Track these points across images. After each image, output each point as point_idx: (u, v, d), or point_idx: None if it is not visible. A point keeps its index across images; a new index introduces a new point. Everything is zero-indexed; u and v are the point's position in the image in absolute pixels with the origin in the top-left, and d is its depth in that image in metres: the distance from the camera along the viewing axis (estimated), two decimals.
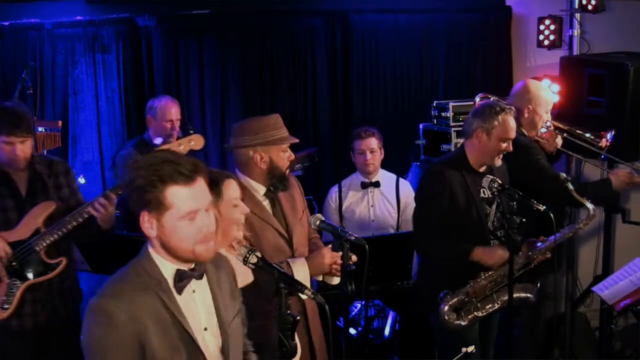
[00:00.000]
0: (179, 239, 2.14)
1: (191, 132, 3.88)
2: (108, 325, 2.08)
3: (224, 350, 2.28)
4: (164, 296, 2.16)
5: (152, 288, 2.16)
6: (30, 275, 3.66)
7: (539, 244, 3.87)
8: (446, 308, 3.77)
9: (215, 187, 2.67)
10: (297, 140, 3.48)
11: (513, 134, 3.83)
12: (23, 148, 3.64)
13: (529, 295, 3.86)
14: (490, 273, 3.81)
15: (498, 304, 3.83)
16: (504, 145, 3.82)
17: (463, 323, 3.77)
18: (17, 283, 3.65)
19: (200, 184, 2.16)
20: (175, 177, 2.11)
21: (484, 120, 3.80)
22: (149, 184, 2.11)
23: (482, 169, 3.90)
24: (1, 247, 3.60)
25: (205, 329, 2.25)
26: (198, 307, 2.25)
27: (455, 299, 3.78)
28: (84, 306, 3.96)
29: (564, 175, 3.82)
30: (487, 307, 3.82)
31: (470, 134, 3.86)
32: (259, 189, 3.40)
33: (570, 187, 3.78)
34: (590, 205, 3.82)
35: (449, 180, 3.80)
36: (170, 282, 2.19)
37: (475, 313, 3.79)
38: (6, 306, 3.62)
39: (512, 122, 3.83)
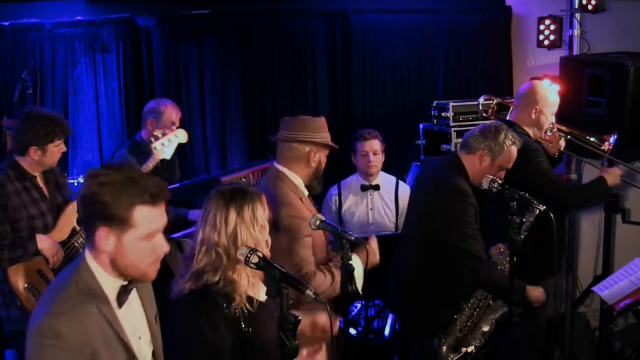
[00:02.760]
0: (135, 258, 2.12)
1: (174, 126, 3.96)
2: (61, 346, 2.01)
3: (156, 355, 2.30)
4: (107, 312, 2.12)
5: (94, 303, 2.10)
6: None
7: (497, 253, 3.88)
8: (444, 350, 3.75)
9: (260, 199, 2.73)
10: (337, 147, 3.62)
11: (511, 165, 3.81)
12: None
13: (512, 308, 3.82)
14: (472, 301, 3.81)
15: (490, 325, 3.81)
16: (499, 174, 3.78)
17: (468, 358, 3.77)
18: None
19: (162, 206, 2.16)
20: (144, 197, 2.09)
21: (495, 143, 3.74)
22: (117, 200, 2.07)
23: None
24: (57, 252, 3.71)
25: (140, 337, 2.25)
26: (133, 317, 2.24)
27: (450, 339, 3.77)
28: None
29: (498, 182, 3.64)
30: (482, 332, 3.81)
31: (473, 151, 3.79)
32: (301, 186, 3.49)
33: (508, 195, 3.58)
34: (537, 205, 3.59)
35: (472, 199, 3.73)
36: (111, 296, 2.15)
37: (473, 344, 3.78)
38: None
39: (515, 154, 3.80)
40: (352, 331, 4.91)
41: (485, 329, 3.80)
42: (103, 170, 2.13)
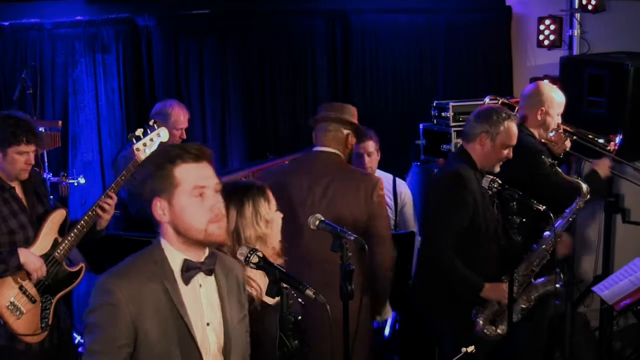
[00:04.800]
0: (191, 217, 2.18)
1: (155, 125, 3.84)
2: (107, 302, 2.13)
3: (225, 350, 2.28)
4: (168, 285, 2.18)
5: (158, 275, 2.19)
6: (59, 288, 3.63)
7: (545, 234, 3.90)
8: (481, 322, 3.77)
9: (263, 193, 2.77)
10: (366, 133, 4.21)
11: (515, 141, 3.82)
12: (33, 158, 3.61)
13: (555, 286, 3.86)
14: (514, 276, 3.80)
15: (530, 302, 3.85)
16: (506, 152, 3.80)
17: (501, 332, 3.78)
18: (49, 298, 3.61)
19: (207, 165, 2.24)
20: (182, 156, 2.19)
21: (489, 125, 3.76)
22: (159, 167, 2.19)
23: None
24: (40, 266, 3.53)
25: (208, 324, 2.27)
26: (203, 301, 2.26)
27: (488, 312, 3.78)
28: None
29: (550, 160, 3.85)
30: (520, 308, 3.83)
31: (473, 138, 3.82)
32: None
33: (559, 170, 3.85)
34: (584, 185, 3.91)
35: (471, 184, 3.73)
36: (177, 272, 2.21)
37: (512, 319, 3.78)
38: (43, 325, 3.57)
39: (515, 129, 3.81)
40: None
41: (524, 305, 3.84)
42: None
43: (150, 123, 3.82)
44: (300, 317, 2.30)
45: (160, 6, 5.57)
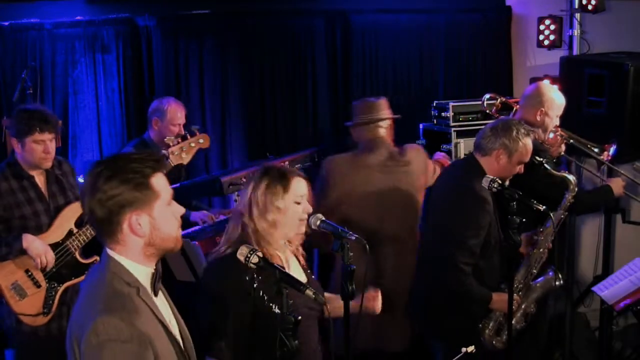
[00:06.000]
0: (168, 227, 2.11)
1: (197, 131, 3.88)
2: (120, 340, 1.95)
3: (187, 350, 2.24)
4: (149, 302, 2.08)
5: (138, 295, 2.06)
6: (68, 277, 3.73)
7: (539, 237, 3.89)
8: (488, 336, 3.75)
9: (283, 180, 2.82)
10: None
11: (529, 157, 3.77)
12: (52, 146, 3.74)
13: (555, 284, 3.87)
14: (515, 285, 3.79)
15: (532, 307, 3.86)
16: (518, 167, 3.76)
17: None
18: (56, 286, 3.70)
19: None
20: (152, 165, 2.10)
21: (509, 140, 3.66)
22: (133, 180, 2.05)
23: None
24: (44, 252, 3.63)
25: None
26: (165, 308, 2.21)
27: (493, 323, 3.76)
28: None
29: (538, 158, 3.82)
30: (524, 314, 3.84)
31: (488, 152, 3.71)
32: None
33: (547, 167, 3.82)
34: (571, 177, 3.94)
35: (490, 206, 3.66)
36: (148, 286, 2.11)
37: (516, 327, 3.78)
38: (46, 310, 3.67)
39: (531, 146, 3.75)
40: None
41: (528, 310, 3.84)
42: (101, 165, 2.09)
43: (193, 129, 3.89)
44: (300, 317, 2.30)
45: (160, 6, 5.56)
